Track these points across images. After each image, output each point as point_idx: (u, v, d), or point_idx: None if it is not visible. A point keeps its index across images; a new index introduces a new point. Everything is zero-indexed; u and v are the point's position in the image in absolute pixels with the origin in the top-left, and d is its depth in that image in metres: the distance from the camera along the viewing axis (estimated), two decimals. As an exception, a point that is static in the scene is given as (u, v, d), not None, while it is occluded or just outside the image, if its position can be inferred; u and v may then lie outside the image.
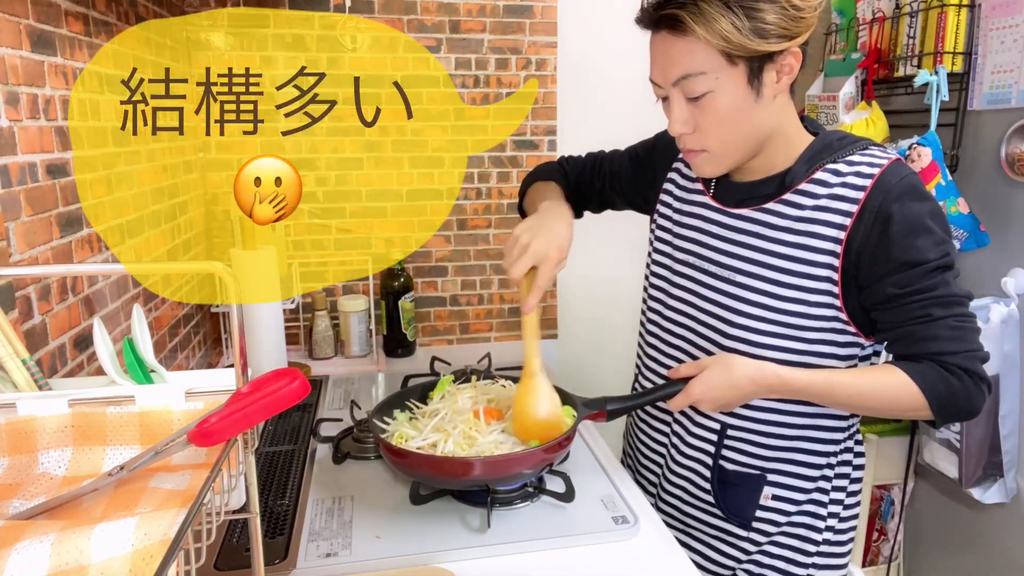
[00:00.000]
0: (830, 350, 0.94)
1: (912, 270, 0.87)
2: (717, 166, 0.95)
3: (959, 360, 0.87)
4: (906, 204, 0.87)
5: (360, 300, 1.70)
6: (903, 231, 0.86)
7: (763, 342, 0.94)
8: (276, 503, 1.04)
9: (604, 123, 1.90)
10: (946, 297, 0.87)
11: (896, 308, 0.89)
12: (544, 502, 1.03)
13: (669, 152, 1.12)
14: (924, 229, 0.87)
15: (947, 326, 0.87)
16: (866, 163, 0.90)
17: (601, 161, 1.26)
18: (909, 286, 0.87)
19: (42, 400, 0.59)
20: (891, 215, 0.87)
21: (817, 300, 0.92)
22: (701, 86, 0.87)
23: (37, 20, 0.91)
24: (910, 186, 0.88)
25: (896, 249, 0.87)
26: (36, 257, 0.89)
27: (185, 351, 1.50)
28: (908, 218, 0.86)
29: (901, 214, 0.86)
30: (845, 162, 0.91)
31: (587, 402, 1.07)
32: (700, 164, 0.96)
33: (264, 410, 0.55)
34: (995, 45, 1.54)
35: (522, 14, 1.75)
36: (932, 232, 0.87)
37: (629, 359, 2.12)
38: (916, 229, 0.87)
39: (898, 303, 0.88)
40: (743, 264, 0.96)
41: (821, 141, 0.94)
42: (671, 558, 0.93)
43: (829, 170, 0.92)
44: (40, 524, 0.45)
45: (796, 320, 0.93)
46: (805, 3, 0.85)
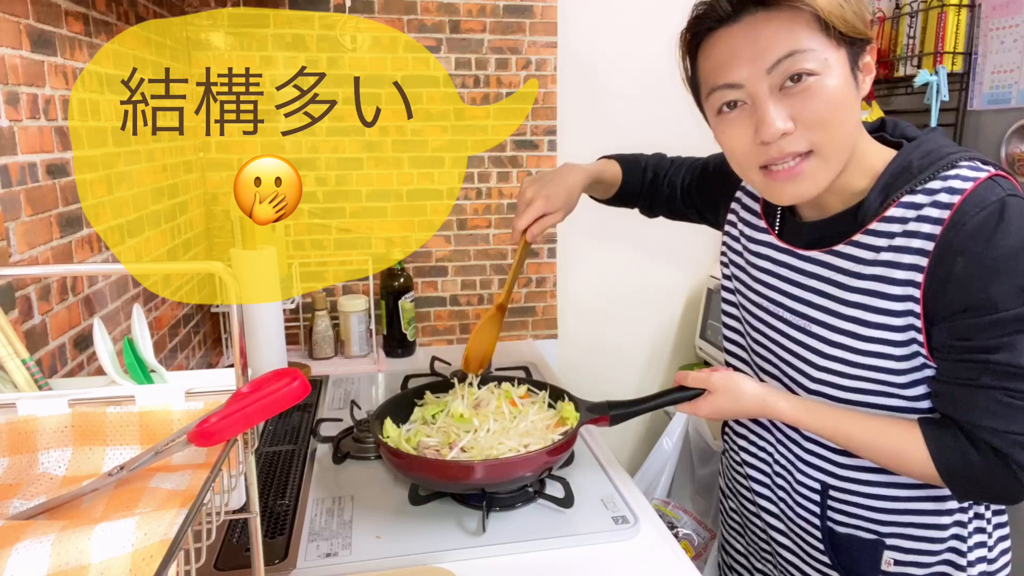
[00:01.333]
0: (929, 403, 0.82)
1: (975, 319, 0.74)
2: (825, 172, 0.79)
3: (993, 439, 0.75)
4: (981, 238, 0.72)
5: (360, 300, 1.70)
6: (972, 270, 0.73)
7: (846, 397, 0.85)
8: (276, 503, 1.04)
9: (604, 123, 1.90)
10: (1005, 366, 0.73)
11: (946, 361, 0.78)
12: (544, 503, 1.03)
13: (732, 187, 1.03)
14: (1003, 271, 0.72)
15: (992, 399, 0.75)
16: (946, 188, 0.76)
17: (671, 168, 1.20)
18: (966, 339, 0.75)
19: (42, 400, 0.59)
20: (963, 251, 0.73)
21: (902, 353, 0.80)
22: (808, 63, 0.74)
23: (37, 20, 0.91)
24: (995, 214, 0.72)
25: (960, 291, 0.74)
26: (36, 257, 0.89)
27: (185, 351, 1.50)
28: (983, 255, 0.72)
29: (974, 250, 0.73)
30: (924, 191, 0.77)
31: (590, 406, 1.06)
32: (806, 175, 0.79)
33: (264, 410, 0.55)
34: (995, 45, 1.54)
35: (522, 14, 1.75)
36: (1016, 275, 0.72)
37: (629, 359, 2.14)
38: (991, 269, 0.72)
39: (949, 356, 0.77)
40: (819, 313, 0.86)
41: (900, 162, 0.80)
42: (671, 558, 0.93)
43: (905, 204, 0.78)
44: (40, 524, 0.45)
45: (880, 375, 0.82)
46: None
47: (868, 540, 0.89)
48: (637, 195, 1.23)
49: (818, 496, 0.91)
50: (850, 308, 0.82)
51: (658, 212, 1.24)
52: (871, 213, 0.81)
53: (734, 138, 0.81)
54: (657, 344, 2.12)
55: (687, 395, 0.97)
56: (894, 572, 0.88)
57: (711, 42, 0.80)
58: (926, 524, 0.86)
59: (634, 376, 2.13)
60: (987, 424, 0.75)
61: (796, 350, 0.89)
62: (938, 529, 0.86)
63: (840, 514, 0.90)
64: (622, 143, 1.29)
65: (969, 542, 0.86)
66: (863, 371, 0.83)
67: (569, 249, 1.93)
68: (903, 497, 0.86)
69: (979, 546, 0.87)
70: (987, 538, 0.88)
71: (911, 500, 0.86)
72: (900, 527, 0.87)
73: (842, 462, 0.89)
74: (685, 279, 2.08)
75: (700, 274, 2.07)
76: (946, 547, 0.86)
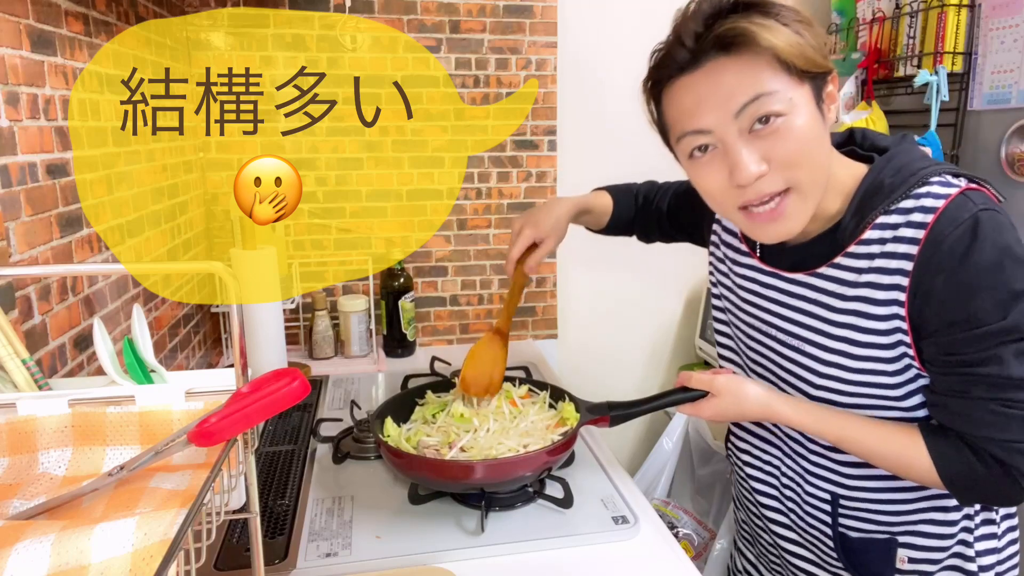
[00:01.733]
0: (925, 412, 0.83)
1: (960, 334, 0.74)
2: (805, 208, 0.79)
3: (993, 448, 0.76)
4: (958, 256, 0.73)
5: (360, 300, 1.70)
6: (952, 288, 0.74)
7: (847, 404, 0.85)
8: (276, 503, 1.04)
9: (604, 123, 1.90)
10: (995, 378, 0.74)
11: (937, 374, 0.78)
12: (544, 503, 1.03)
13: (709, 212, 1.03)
14: (982, 287, 0.73)
15: (987, 409, 0.75)
16: (919, 208, 0.76)
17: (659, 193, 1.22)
18: (954, 353, 0.75)
19: (42, 400, 0.59)
20: (941, 270, 0.74)
21: (894, 368, 0.81)
22: (775, 105, 0.74)
23: (37, 20, 0.91)
24: (968, 232, 0.73)
25: (942, 308, 0.75)
26: (36, 257, 0.89)
27: (185, 351, 1.50)
28: (960, 272, 0.73)
29: (952, 268, 0.74)
30: (897, 211, 0.78)
31: (591, 407, 1.06)
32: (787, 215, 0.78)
33: (264, 410, 0.55)
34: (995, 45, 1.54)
35: (522, 14, 1.75)
36: (994, 289, 0.72)
37: (629, 359, 2.13)
38: (970, 286, 0.73)
39: (940, 369, 0.78)
40: (811, 333, 0.86)
41: (871, 180, 0.80)
42: (671, 558, 0.93)
43: (880, 225, 0.79)
44: (40, 524, 0.45)
45: (876, 389, 0.83)
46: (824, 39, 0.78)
47: (881, 540, 0.89)
48: (630, 222, 1.24)
49: (829, 506, 0.91)
50: (839, 328, 0.83)
51: (653, 238, 1.26)
52: (848, 235, 0.81)
53: (709, 181, 0.80)
54: (657, 344, 2.12)
55: (688, 396, 0.96)
56: (908, 570, 0.88)
57: (674, 89, 0.80)
58: (937, 520, 0.87)
59: (634, 376, 2.13)
60: (985, 434, 0.76)
61: (793, 369, 0.90)
62: (948, 525, 0.87)
63: (852, 519, 0.90)
64: (622, 143, 1.29)
65: (977, 533, 0.87)
66: (859, 387, 0.84)
67: (569, 249, 1.93)
68: (913, 499, 0.87)
69: (988, 537, 0.88)
70: (996, 528, 0.89)
71: (921, 500, 0.87)
72: (912, 525, 0.88)
73: (850, 472, 0.89)
74: (685, 279, 2.08)
75: (700, 274, 2.06)
76: (956, 540, 0.87)
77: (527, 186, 1.84)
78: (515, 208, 1.85)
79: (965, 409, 0.77)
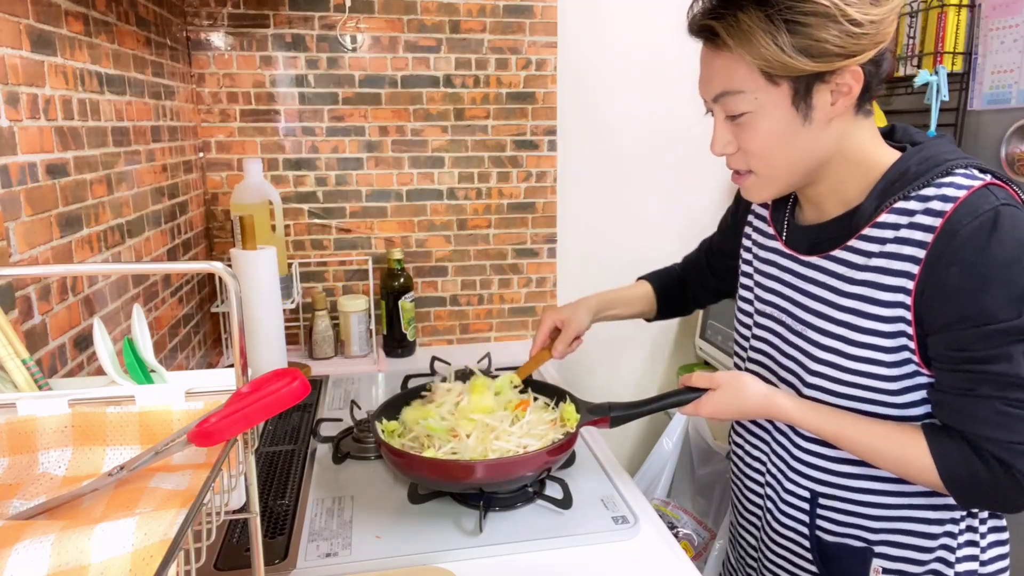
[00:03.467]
0: (921, 411, 0.82)
1: (970, 329, 0.73)
2: (765, 190, 0.86)
3: (996, 450, 0.74)
4: (975, 248, 0.72)
5: (360, 300, 1.70)
6: (966, 280, 0.72)
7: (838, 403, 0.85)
8: (276, 503, 1.04)
9: (604, 123, 1.90)
10: (1004, 376, 0.73)
11: (943, 371, 0.77)
12: (544, 503, 1.03)
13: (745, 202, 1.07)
14: (996, 280, 0.71)
15: (992, 408, 0.74)
16: (940, 196, 0.76)
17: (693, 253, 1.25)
18: (962, 350, 0.75)
19: (42, 400, 0.59)
20: (955, 261, 0.73)
21: (892, 359, 0.80)
22: (740, 105, 0.79)
23: (37, 20, 0.91)
24: (988, 223, 0.72)
25: (954, 302, 0.74)
26: (36, 257, 0.89)
27: (185, 351, 1.50)
28: (976, 265, 0.72)
29: (968, 260, 0.72)
30: (917, 197, 0.77)
31: (591, 408, 1.06)
32: (748, 188, 0.88)
33: (264, 410, 0.55)
34: (995, 45, 1.54)
35: (522, 14, 1.75)
36: (1009, 285, 0.71)
37: (628, 360, 2.13)
38: (985, 279, 0.72)
39: (946, 366, 0.77)
40: (814, 318, 0.87)
41: (898, 168, 0.80)
42: (671, 558, 0.93)
43: (897, 210, 0.78)
44: (40, 524, 0.45)
45: (870, 381, 0.82)
46: (866, 16, 0.73)
47: (857, 548, 0.88)
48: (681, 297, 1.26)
49: (807, 504, 0.91)
50: (842, 313, 0.83)
51: (707, 299, 1.26)
52: (865, 218, 0.81)
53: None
54: (657, 344, 2.12)
55: (688, 397, 0.96)
56: None
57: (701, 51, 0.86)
58: (916, 532, 0.86)
59: (634, 376, 2.13)
60: (988, 434, 0.75)
61: (793, 354, 0.90)
62: (928, 538, 0.85)
63: (829, 522, 0.89)
64: (622, 143, 1.29)
65: (959, 553, 0.85)
66: (853, 376, 0.83)
67: (569, 249, 1.93)
68: (894, 505, 0.86)
69: (968, 559, 0.86)
70: (977, 550, 0.86)
71: (902, 508, 0.86)
72: (889, 534, 0.87)
73: (833, 468, 0.88)
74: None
75: (700, 274, 2.06)
76: (934, 557, 0.85)
77: (527, 186, 1.84)
78: (515, 208, 1.85)
79: (969, 407, 0.76)
